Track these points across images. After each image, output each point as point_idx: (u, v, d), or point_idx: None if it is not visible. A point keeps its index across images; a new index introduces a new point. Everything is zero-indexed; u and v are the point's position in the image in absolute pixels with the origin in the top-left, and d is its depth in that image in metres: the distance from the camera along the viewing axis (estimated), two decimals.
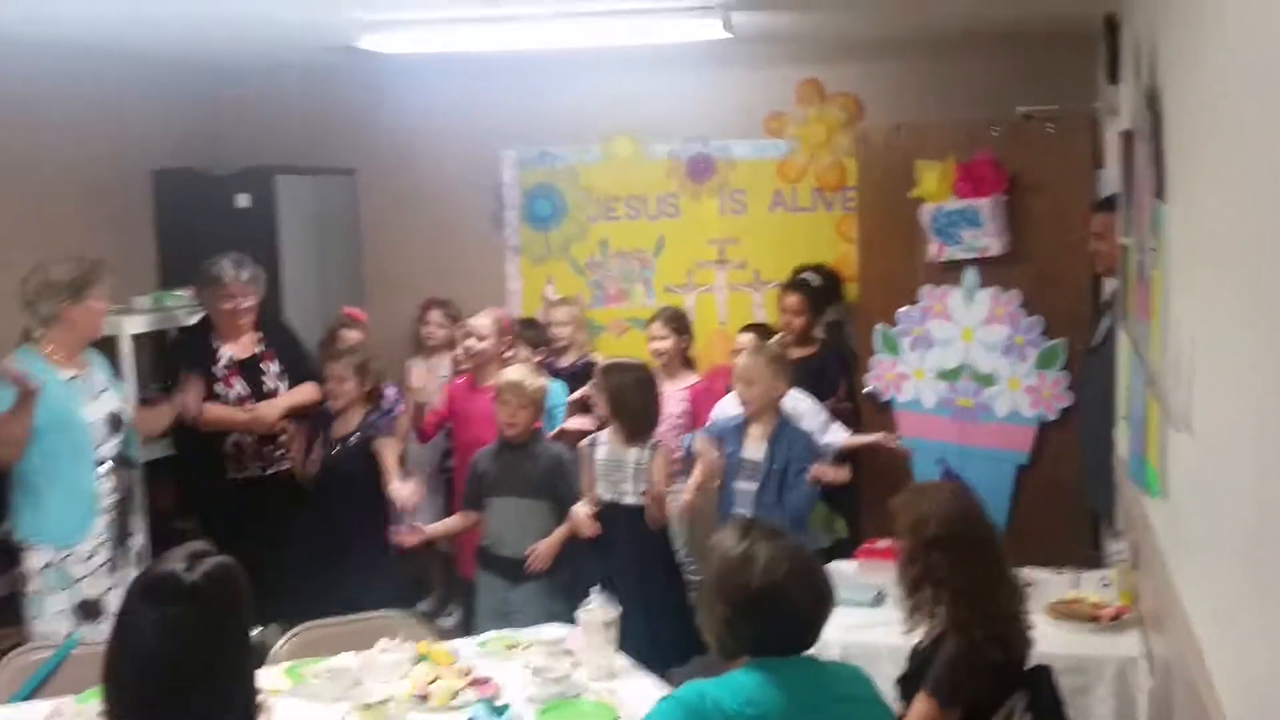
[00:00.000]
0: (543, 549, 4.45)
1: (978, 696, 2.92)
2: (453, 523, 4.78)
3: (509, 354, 5.33)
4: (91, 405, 4.27)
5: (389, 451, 4.86)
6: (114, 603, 4.15)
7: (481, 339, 5.26)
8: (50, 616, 4.15)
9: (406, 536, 4.59)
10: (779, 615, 2.41)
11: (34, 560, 4.16)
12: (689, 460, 4.98)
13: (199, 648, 2.01)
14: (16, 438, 4.03)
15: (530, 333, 5.68)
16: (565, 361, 5.78)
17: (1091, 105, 5.17)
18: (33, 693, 3.33)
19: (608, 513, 4.52)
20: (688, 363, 5.66)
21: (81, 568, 4.21)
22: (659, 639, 4.27)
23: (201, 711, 2.00)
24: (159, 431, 4.78)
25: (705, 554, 2.62)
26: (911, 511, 3.11)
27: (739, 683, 2.37)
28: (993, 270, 5.27)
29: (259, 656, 2.95)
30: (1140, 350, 3.26)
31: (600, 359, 5.56)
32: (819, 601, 2.47)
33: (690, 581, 4.97)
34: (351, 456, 4.85)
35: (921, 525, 3.06)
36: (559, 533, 4.49)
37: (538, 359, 5.45)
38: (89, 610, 4.20)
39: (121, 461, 4.39)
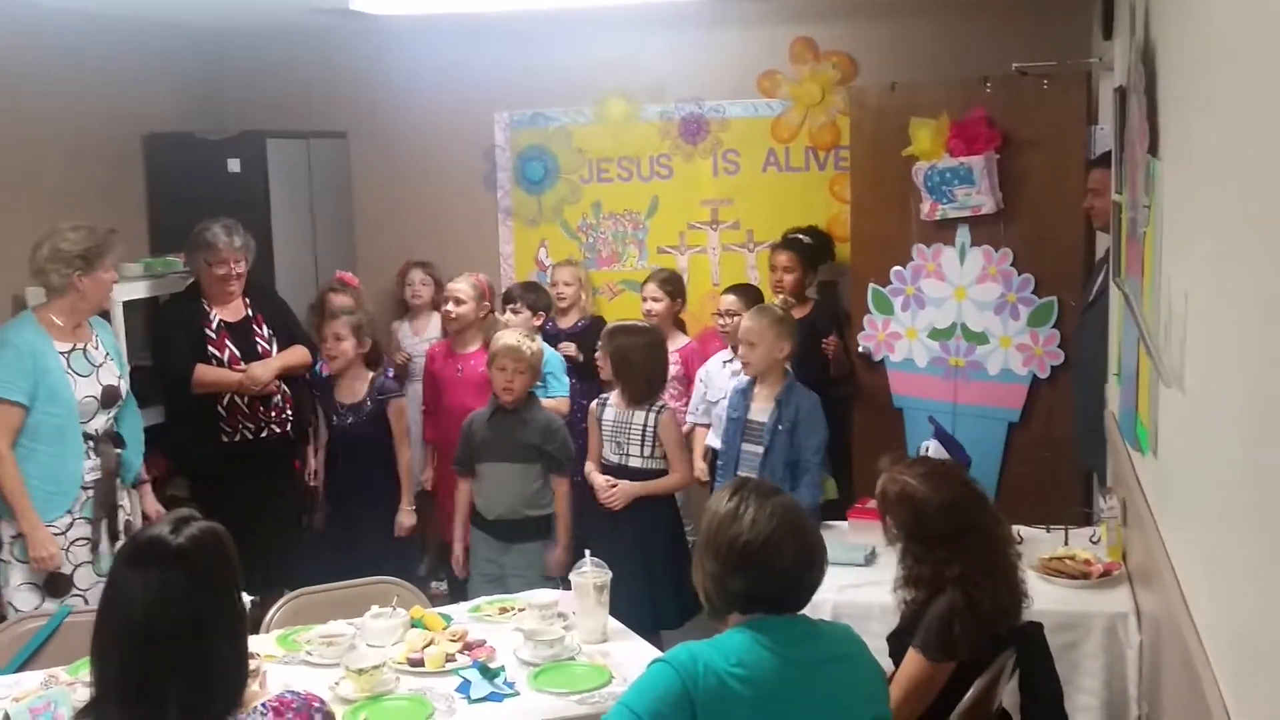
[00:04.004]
0: (562, 533, 4.49)
1: (969, 654, 2.92)
2: (464, 493, 4.64)
3: (487, 317, 5.34)
4: (83, 382, 4.19)
5: (403, 415, 4.99)
6: (85, 579, 4.13)
7: (460, 303, 5.25)
8: (14, 589, 4.10)
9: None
10: (768, 572, 2.40)
11: (5, 530, 4.10)
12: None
13: (186, 611, 1.99)
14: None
15: (531, 296, 5.64)
16: (567, 322, 5.77)
17: (1087, 61, 5.13)
18: (24, 664, 3.32)
19: (614, 475, 4.52)
20: (679, 325, 5.65)
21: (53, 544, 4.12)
22: (658, 602, 4.29)
23: (190, 676, 1.99)
24: None
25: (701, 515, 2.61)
26: (905, 506, 3.02)
27: (730, 644, 2.36)
28: (985, 228, 5.24)
29: (251, 622, 2.94)
30: (1133, 307, 3.25)
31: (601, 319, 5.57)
32: (809, 560, 2.45)
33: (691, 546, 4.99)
34: (366, 422, 4.90)
35: (920, 522, 2.99)
36: (564, 500, 4.51)
37: (536, 322, 5.44)
38: (56, 586, 4.10)
39: (109, 438, 4.28)
